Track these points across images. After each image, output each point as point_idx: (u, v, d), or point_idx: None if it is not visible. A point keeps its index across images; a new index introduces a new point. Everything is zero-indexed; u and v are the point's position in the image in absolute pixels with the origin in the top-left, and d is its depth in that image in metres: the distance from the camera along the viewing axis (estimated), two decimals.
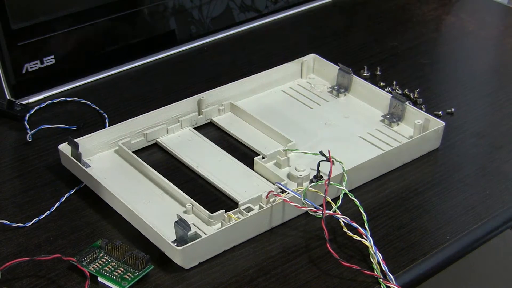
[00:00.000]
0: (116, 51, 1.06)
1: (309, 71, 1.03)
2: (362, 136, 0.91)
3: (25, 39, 0.96)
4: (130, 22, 1.06)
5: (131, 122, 0.88)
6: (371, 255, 0.73)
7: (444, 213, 0.81)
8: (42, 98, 0.99)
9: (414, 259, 0.74)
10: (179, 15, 1.11)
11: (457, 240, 0.77)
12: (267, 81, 0.99)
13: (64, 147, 0.84)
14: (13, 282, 0.70)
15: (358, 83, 0.98)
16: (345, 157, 0.82)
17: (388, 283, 0.70)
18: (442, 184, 0.85)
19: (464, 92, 1.03)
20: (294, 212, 0.79)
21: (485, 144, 0.92)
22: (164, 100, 0.96)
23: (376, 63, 1.09)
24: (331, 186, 0.78)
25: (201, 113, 0.93)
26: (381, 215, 0.80)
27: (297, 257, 0.74)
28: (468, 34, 1.19)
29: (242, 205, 0.77)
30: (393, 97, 0.93)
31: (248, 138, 0.91)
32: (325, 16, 1.24)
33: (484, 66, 1.10)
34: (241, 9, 1.17)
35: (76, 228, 0.77)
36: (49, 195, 0.82)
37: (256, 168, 0.85)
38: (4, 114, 0.95)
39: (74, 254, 0.72)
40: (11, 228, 0.77)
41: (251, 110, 0.94)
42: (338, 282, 0.71)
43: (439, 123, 0.89)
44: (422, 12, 1.25)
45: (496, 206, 0.82)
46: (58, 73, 1.00)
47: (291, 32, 1.18)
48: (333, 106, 0.98)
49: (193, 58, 1.10)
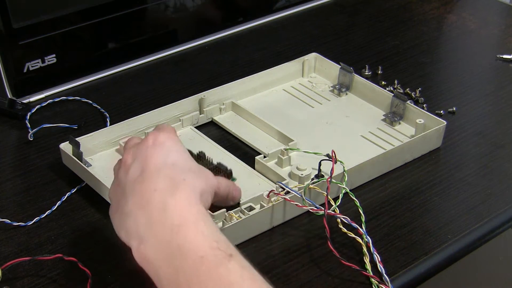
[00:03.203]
0: (117, 50, 1.06)
1: (311, 70, 1.03)
2: (363, 135, 0.91)
3: (27, 38, 0.96)
4: (131, 21, 1.06)
5: (132, 121, 0.88)
6: (365, 254, 0.73)
7: (446, 212, 0.81)
8: (43, 97, 0.99)
9: (415, 258, 0.74)
10: (180, 13, 1.11)
11: (459, 240, 0.77)
12: (268, 80, 0.99)
13: (65, 146, 0.84)
14: (14, 281, 0.70)
15: (359, 82, 0.98)
16: (346, 156, 0.82)
17: (381, 285, 0.70)
18: (443, 184, 0.85)
19: (466, 91, 1.03)
20: (295, 211, 0.78)
21: (486, 143, 0.92)
22: (165, 99, 0.96)
23: (378, 62, 1.09)
24: (332, 184, 0.78)
25: (203, 112, 0.93)
26: (382, 214, 0.80)
27: (298, 257, 0.74)
28: (469, 33, 1.19)
29: (243, 204, 0.77)
30: (395, 96, 0.93)
31: (249, 137, 0.91)
32: (326, 15, 1.23)
33: (485, 65, 1.10)
34: None
35: (77, 227, 0.77)
36: (50, 194, 0.82)
37: (257, 167, 0.85)
38: (5, 113, 0.95)
39: (75, 253, 0.72)
40: (12, 227, 0.77)
41: (253, 109, 0.94)
42: (339, 282, 0.71)
43: (440, 122, 0.89)
44: (424, 11, 1.25)
45: (497, 205, 0.82)
46: (59, 72, 1.00)
47: (292, 31, 1.18)
48: (334, 105, 0.97)
49: (195, 57, 1.10)
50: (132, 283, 0.71)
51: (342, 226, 0.76)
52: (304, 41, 1.15)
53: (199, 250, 0.57)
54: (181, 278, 0.57)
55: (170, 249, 0.58)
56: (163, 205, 0.60)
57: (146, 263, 0.59)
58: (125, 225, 0.61)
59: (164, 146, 0.65)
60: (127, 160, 0.65)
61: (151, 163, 0.63)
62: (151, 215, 0.60)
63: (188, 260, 0.57)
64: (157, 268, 0.58)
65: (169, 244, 0.58)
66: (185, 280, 0.56)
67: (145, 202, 0.61)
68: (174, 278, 0.57)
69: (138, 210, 0.61)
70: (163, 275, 0.58)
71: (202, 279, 0.56)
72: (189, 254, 0.57)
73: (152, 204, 0.60)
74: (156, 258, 0.58)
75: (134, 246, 0.60)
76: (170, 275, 0.57)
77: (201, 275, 0.56)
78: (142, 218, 0.60)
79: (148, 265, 0.59)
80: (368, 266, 0.72)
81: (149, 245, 0.59)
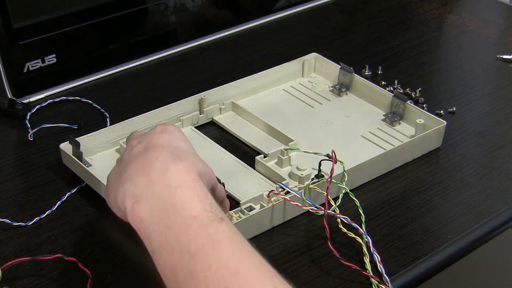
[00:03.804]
0: (117, 50, 1.06)
1: (311, 70, 1.03)
2: (363, 135, 0.91)
3: (27, 38, 0.96)
4: (131, 21, 1.06)
5: (132, 121, 0.88)
6: (365, 254, 0.73)
7: (446, 212, 0.81)
8: (43, 97, 0.99)
9: (415, 258, 0.74)
10: (180, 13, 1.11)
11: (459, 240, 0.77)
12: (268, 80, 0.99)
13: (65, 146, 0.84)
14: (14, 282, 0.70)
15: (359, 82, 0.98)
16: (346, 156, 0.82)
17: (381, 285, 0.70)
18: (443, 184, 0.85)
19: (466, 91, 1.03)
20: (295, 211, 0.78)
21: (486, 143, 0.92)
22: (165, 99, 0.96)
23: (378, 62, 1.09)
24: (332, 184, 0.78)
25: (203, 112, 0.93)
26: (382, 214, 0.80)
27: (298, 257, 0.74)
28: (469, 33, 1.19)
29: (243, 204, 0.77)
30: (395, 96, 0.93)
31: (249, 137, 0.91)
32: (326, 15, 1.23)
33: (485, 65, 1.10)
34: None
35: (77, 227, 0.77)
36: (50, 194, 0.82)
37: (258, 167, 0.85)
38: (6, 113, 0.95)
39: (75, 253, 0.72)
40: (12, 227, 0.77)
41: (253, 109, 0.94)
42: (339, 282, 0.71)
43: (440, 122, 0.88)
44: (424, 11, 1.25)
45: (497, 205, 0.82)
46: (59, 72, 1.00)
47: (292, 31, 1.18)
48: (334, 105, 0.97)
49: (194, 57, 1.10)
50: (132, 283, 0.71)
51: (342, 226, 0.76)
52: (304, 41, 1.15)
53: (193, 210, 0.58)
54: (171, 234, 0.57)
55: (164, 207, 0.59)
56: (163, 169, 0.61)
57: (139, 221, 0.60)
58: (122, 189, 0.62)
59: (171, 133, 0.66)
60: (133, 144, 0.66)
61: (157, 141, 0.64)
62: (151, 176, 0.61)
63: (180, 217, 0.58)
64: (149, 227, 0.59)
65: (165, 203, 0.59)
66: (174, 236, 0.57)
67: (146, 167, 0.62)
68: (164, 235, 0.58)
69: (138, 173, 0.62)
70: (154, 234, 0.58)
71: (191, 236, 0.57)
72: (182, 212, 0.58)
73: (153, 169, 0.61)
74: (149, 217, 0.59)
75: (128, 206, 0.60)
76: (161, 233, 0.58)
77: (190, 232, 0.57)
78: (141, 178, 0.61)
79: (141, 224, 0.59)
80: (368, 266, 0.72)
81: (144, 204, 0.60)
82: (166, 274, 0.57)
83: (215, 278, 0.54)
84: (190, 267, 0.55)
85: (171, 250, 0.57)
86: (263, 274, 0.56)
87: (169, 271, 0.57)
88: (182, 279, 0.56)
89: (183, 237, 0.57)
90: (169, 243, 0.57)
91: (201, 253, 0.56)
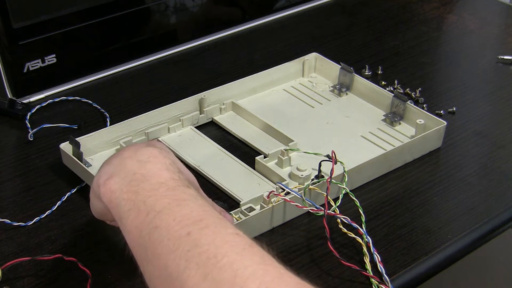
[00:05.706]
0: (117, 50, 1.06)
1: (311, 70, 1.03)
2: (363, 135, 0.91)
3: (27, 38, 0.96)
4: (131, 21, 1.06)
5: (132, 121, 0.88)
6: (365, 254, 0.73)
7: (446, 212, 0.81)
8: (43, 97, 0.99)
9: (415, 258, 0.74)
10: (180, 13, 1.11)
11: (459, 240, 0.77)
12: (268, 80, 0.99)
13: (65, 146, 0.84)
14: (14, 282, 0.70)
15: (359, 82, 0.98)
16: (346, 157, 0.82)
17: (381, 285, 0.70)
18: (443, 184, 0.85)
19: (466, 91, 1.03)
20: (295, 212, 0.78)
21: (486, 144, 0.92)
22: (165, 99, 0.96)
23: (378, 62, 1.08)
24: (332, 185, 0.78)
25: (203, 112, 0.93)
26: (383, 215, 0.80)
27: (298, 257, 0.74)
28: (469, 33, 1.19)
29: (243, 204, 0.77)
30: (395, 96, 0.93)
31: (249, 137, 0.91)
32: (326, 15, 1.23)
33: (485, 65, 1.10)
34: None
35: (77, 227, 0.77)
36: (50, 194, 0.82)
37: (258, 167, 0.85)
38: (5, 113, 0.95)
39: (75, 253, 0.72)
40: (12, 227, 0.77)
41: (253, 109, 0.94)
42: (339, 282, 0.71)
43: (440, 122, 0.88)
44: (424, 11, 1.25)
45: (497, 205, 0.82)
46: (59, 72, 1.00)
47: (292, 31, 1.18)
48: (334, 105, 0.97)
49: (194, 57, 1.10)
50: (132, 283, 0.71)
51: (342, 226, 0.76)
52: (304, 41, 1.15)
53: (161, 177, 0.61)
54: (139, 199, 0.59)
55: (134, 178, 0.62)
56: (135, 149, 0.65)
57: (110, 193, 0.62)
58: (99, 173, 0.65)
59: (161, 146, 0.68)
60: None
61: (144, 143, 0.68)
62: (124, 156, 0.65)
63: (148, 184, 0.61)
64: (118, 196, 0.61)
65: (134, 174, 0.62)
66: (142, 200, 0.59)
67: (122, 151, 0.66)
68: (132, 200, 0.60)
69: (113, 157, 0.66)
70: (124, 202, 0.60)
71: (158, 197, 0.59)
72: (150, 180, 0.61)
73: (126, 150, 0.66)
74: (119, 187, 0.62)
75: (102, 183, 0.63)
76: (130, 199, 0.60)
77: (158, 194, 0.59)
78: (115, 159, 0.65)
79: (111, 195, 0.62)
80: (368, 266, 0.72)
81: (115, 177, 0.63)
82: (132, 233, 0.59)
83: (178, 226, 0.56)
84: (156, 222, 0.57)
85: (137, 211, 0.59)
86: (226, 223, 0.57)
87: (135, 229, 0.59)
88: (146, 234, 0.57)
89: (150, 200, 0.59)
90: (136, 205, 0.59)
91: (167, 210, 0.58)
